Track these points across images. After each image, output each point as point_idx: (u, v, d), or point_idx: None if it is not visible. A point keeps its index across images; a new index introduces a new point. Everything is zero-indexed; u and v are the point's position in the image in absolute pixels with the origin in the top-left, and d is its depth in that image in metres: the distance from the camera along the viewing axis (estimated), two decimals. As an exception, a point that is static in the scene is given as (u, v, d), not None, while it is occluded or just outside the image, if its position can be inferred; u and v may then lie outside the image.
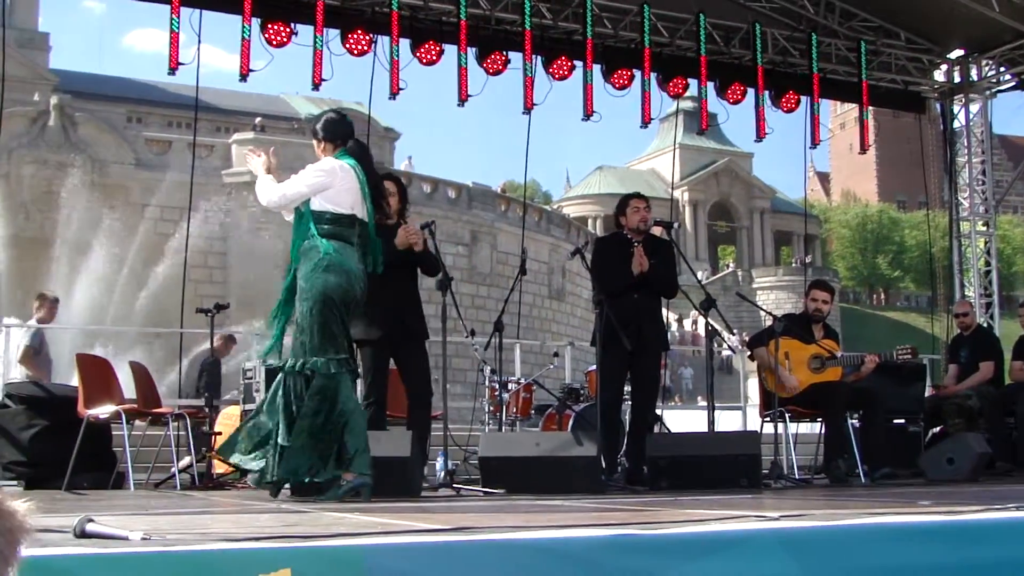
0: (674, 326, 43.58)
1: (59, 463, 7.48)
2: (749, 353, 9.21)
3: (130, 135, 33.04)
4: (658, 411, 8.63)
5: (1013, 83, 13.77)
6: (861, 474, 8.55)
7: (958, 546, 3.42)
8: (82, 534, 2.96)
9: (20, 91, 37.27)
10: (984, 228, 14.12)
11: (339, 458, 5.73)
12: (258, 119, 41.65)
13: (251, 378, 9.31)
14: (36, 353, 10.90)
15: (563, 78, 11.51)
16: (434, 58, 11.03)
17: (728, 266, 78.58)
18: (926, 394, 10.72)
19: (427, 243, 7.30)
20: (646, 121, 12.04)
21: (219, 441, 8.70)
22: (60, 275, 29.05)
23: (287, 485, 5.92)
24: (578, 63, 11.54)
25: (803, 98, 12.60)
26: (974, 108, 13.96)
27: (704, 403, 10.34)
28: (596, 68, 11.65)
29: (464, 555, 2.90)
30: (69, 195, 30.55)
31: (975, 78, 13.82)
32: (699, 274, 11.68)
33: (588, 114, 11.67)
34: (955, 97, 14.00)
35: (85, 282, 28.65)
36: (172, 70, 10.12)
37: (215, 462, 8.31)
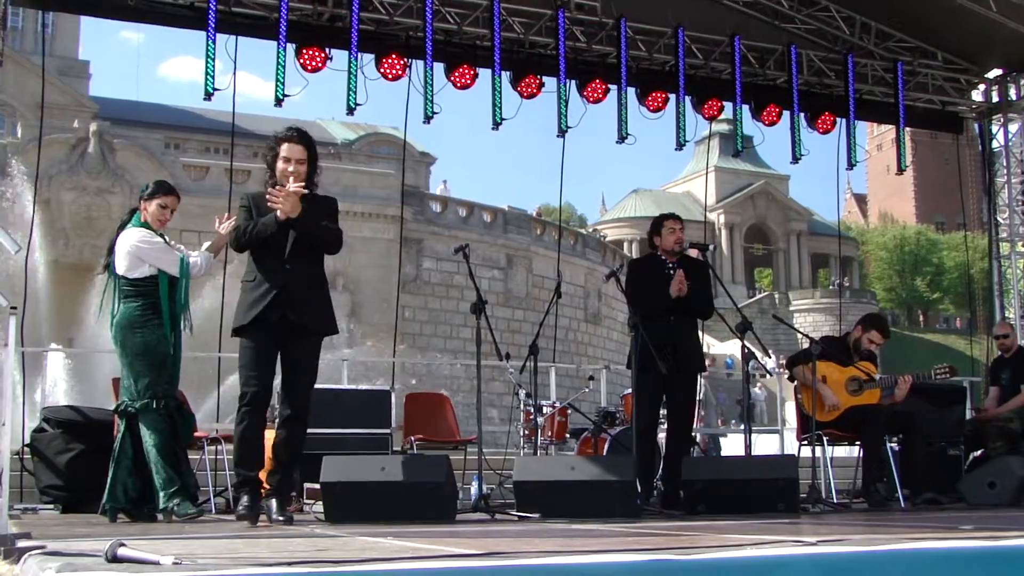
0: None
1: (95, 487, 7.49)
2: (788, 374, 9.13)
3: (168, 161, 33.33)
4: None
5: (1053, 102, 13.63)
6: (900, 498, 8.44)
7: (1000, 572, 3.36)
8: (113, 558, 2.96)
9: (61, 118, 37.85)
10: (1024, 249, 13.95)
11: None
12: (295, 144, 41.76)
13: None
14: None
15: (597, 101, 11.49)
16: (468, 82, 11.04)
17: (762, 289, 78.21)
18: (967, 417, 10.59)
19: (305, 219, 6.34)
20: (680, 144, 12.01)
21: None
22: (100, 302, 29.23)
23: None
24: (612, 86, 11.52)
25: (839, 119, 12.52)
26: (1013, 128, 13.82)
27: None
28: (630, 91, 11.62)
29: (497, 580, 2.87)
30: (108, 221, 30.83)
31: (1014, 97, 13.68)
32: (735, 296, 11.53)
33: (622, 137, 11.64)
34: (994, 117, 13.87)
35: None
36: (208, 96, 10.21)
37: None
